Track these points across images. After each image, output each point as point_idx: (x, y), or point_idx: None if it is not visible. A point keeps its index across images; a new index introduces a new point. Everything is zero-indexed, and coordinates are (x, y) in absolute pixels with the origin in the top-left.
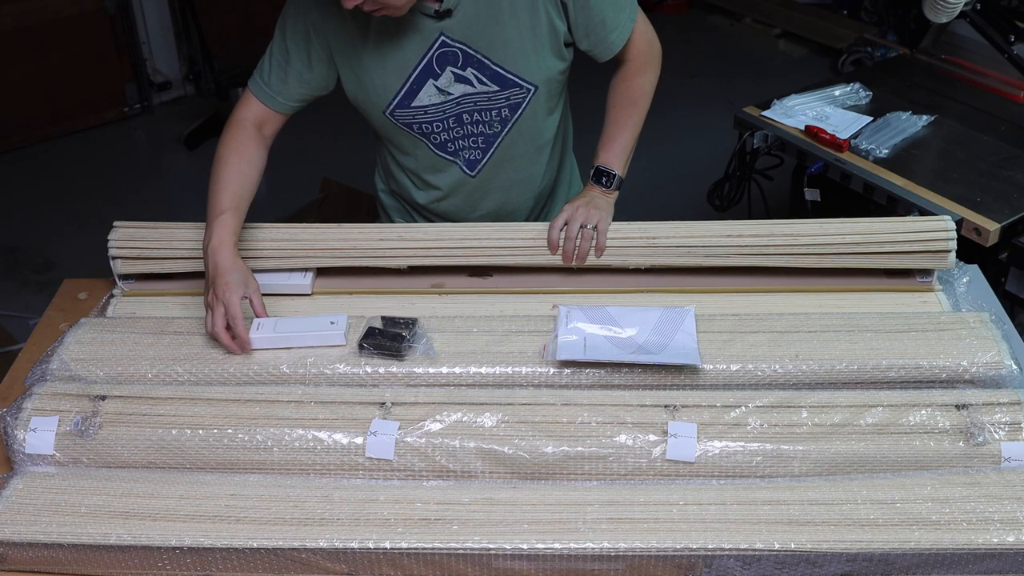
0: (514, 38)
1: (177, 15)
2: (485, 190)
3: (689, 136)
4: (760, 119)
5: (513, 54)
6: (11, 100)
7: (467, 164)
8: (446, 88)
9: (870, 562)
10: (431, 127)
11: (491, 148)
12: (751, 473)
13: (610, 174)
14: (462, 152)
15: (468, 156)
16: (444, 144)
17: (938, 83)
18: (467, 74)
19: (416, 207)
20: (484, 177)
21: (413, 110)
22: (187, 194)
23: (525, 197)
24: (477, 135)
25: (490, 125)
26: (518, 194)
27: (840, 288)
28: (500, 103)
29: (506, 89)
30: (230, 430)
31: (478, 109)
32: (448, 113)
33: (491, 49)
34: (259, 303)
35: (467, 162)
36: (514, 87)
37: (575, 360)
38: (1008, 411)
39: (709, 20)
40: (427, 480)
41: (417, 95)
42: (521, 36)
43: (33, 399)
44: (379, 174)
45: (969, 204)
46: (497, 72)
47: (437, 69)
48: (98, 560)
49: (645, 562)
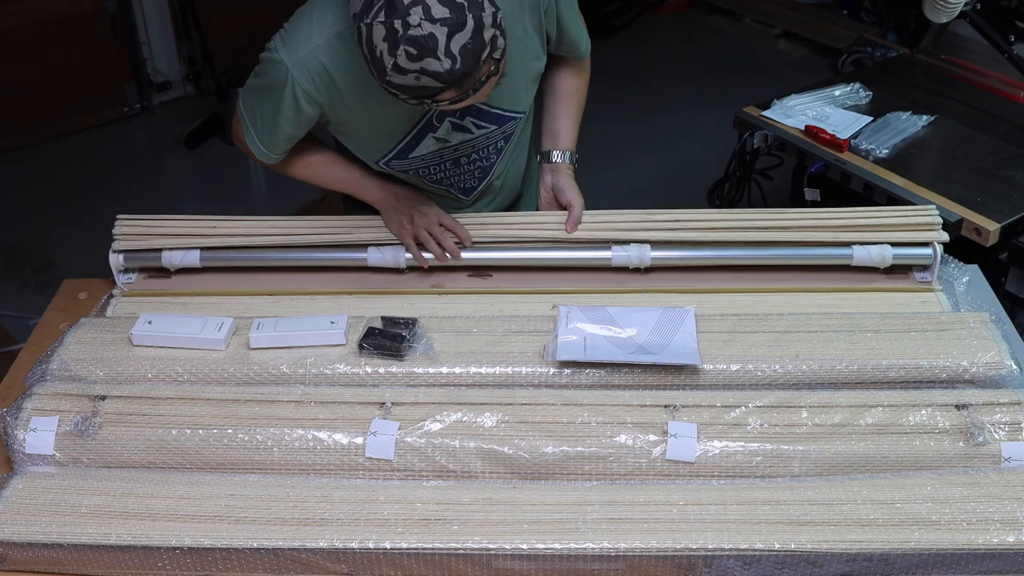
0: (509, 81)
1: (177, 15)
2: (474, 204)
3: (689, 136)
4: (760, 119)
5: (509, 95)
6: (11, 100)
7: (462, 191)
8: (444, 137)
9: (870, 562)
10: (428, 170)
11: (487, 176)
12: (751, 473)
13: (574, 154)
14: (457, 183)
15: (463, 185)
16: (440, 180)
17: (938, 83)
18: (465, 123)
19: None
20: (476, 196)
21: (410, 160)
22: (187, 194)
23: (509, 196)
24: (474, 170)
25: (487, 159)
26: (503, 198)
27: (840, 288)
28: (497, 138)
29: (503, 125)
30: (230, 430)
31: (476, 150)
32: (446, 158)
33: (492, 96)
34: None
35: (462, 190)
36: (510, 121)
37: (575, 360)
38: (1008, 411)
39: (709, 20)
40: (427, 480)
41: (415, 148)
42: (515, 77)
43: (33, 399)
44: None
45: (969, 204)
46: (495, 114)
47: (436, 123)
48: (98, 560)
49: (645, 562)
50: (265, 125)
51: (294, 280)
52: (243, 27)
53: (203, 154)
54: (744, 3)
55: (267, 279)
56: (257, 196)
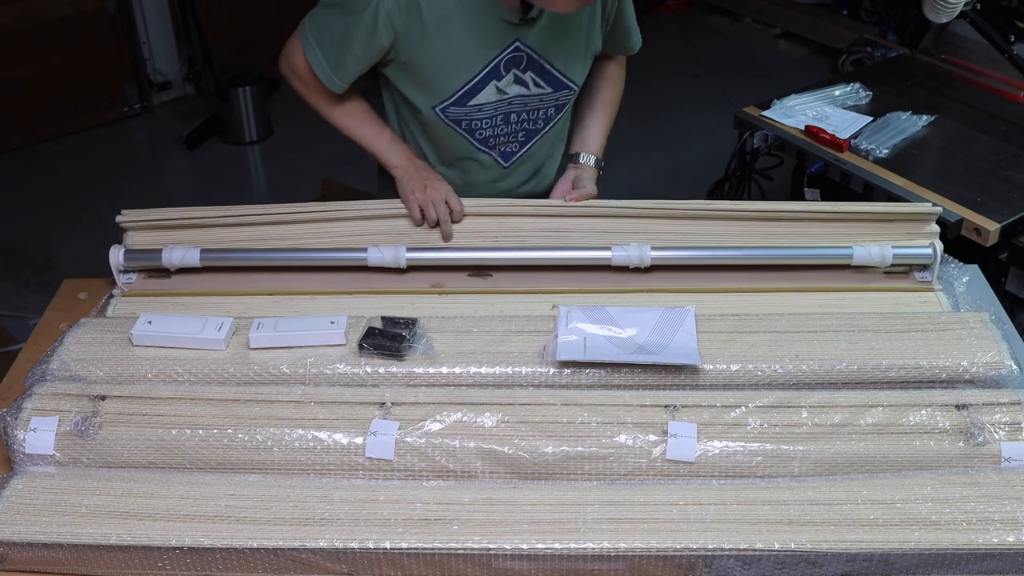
0: (574, 48)
1: (177, 15)
2: (509, 178)
3: (689, 136)
4: (760, 119)
5: (571, 61)
6: (11, 100)
7: (503, 156)
8: (504, 88)
9: (870, 562)
10: (479, 124)
11: (529, 143)
12: (751, 473)
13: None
14: (500, 146)
15: (505, 149)
16: (486, 139)
17: (938, 83)
18: (526, 77)
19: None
20: (514, 167)
21: (468, 108)
22: (187, 194)
23: (539, 184)
24: (519, 131)
25: (534, 123)
26: (535, 183)
27: (840, 288)
28: (548, 104)
29: (557, 91)
30: (230, 430)
31: (527, 109)
32: (498, 111)
33: (555, 56)
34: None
35: (503, 154)
36: (564, 89)
37: (575, 360)
38: (1008, 411)
39: (709, 20)
40: (427, 480)
41: (477, 95)
42: (579, 46)
43: (33, 399)
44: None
45: (969, 204)
46: (555, 77)
47: (503, 71)
48: (98, 560)
49: (645, 562)
50: (334, 45)
51: (294, 280)
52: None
53: (203, 154)
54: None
55: (267, 279)
56: (257, 196)
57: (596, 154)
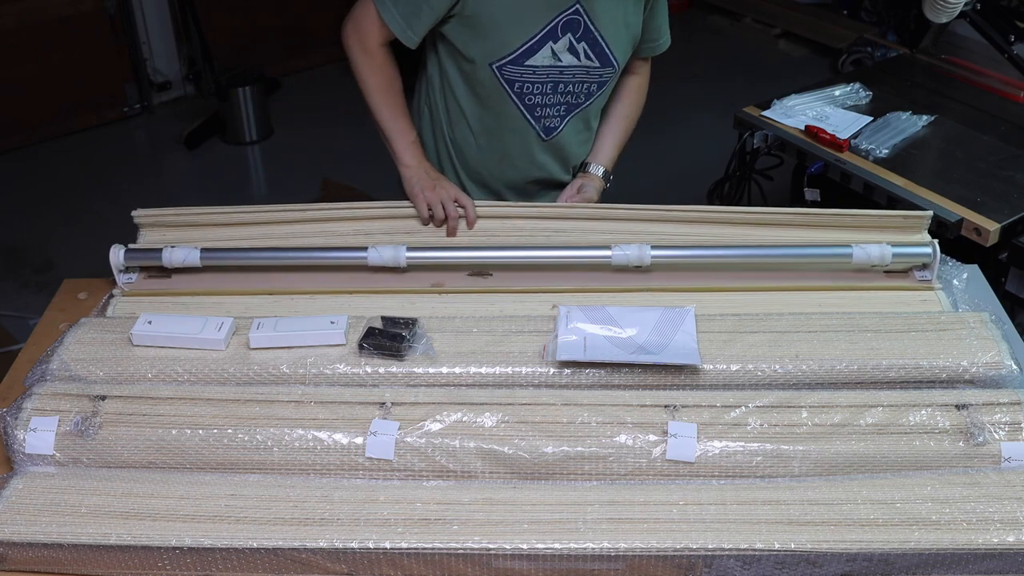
0: (623, 26)
1: (177, 15)
2: (550, 152)
3: (689, 136)
4: (760, 119)
5: (620, 38)
6: (11, 100)
7: (544, 130)
8: (559, 53)
9: (870, 562)
10: (531, 88)
11: (568, 116)
12: (751, 473)
13: (609, 173)
14: (544, 119)
15: (547, 124)
16: (534, 107)
17: (938, 83)
18: (579, 46)
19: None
20: (554, 143)
21: (524, 68)
22: (187, 194)
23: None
24: (563, 104)
25: (576, 96)
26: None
27: (840, 288)
28: (593, 79)
29: (603, 67)
30: (230, 430)
31: (575, 81)
32: (550, 78)
33: (607, 29)
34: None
35: (545, 128)
36: (609, 66)
37: (575, 360)
38: (1008, 411)
39: (709, 20)
40: (427, 480)
41: (534, 55)
42: (627, 25)
43: (33, 399)
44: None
45: (969, 204)
46: (603, 51)
47: (560, 33)
48: (98, 560)
49: (645, 562)
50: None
51: (294, 280)
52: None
53: (203, 154)
54: (744, 3)
55: (267, 279)
56: (257, 196)
57: (606, 166)
